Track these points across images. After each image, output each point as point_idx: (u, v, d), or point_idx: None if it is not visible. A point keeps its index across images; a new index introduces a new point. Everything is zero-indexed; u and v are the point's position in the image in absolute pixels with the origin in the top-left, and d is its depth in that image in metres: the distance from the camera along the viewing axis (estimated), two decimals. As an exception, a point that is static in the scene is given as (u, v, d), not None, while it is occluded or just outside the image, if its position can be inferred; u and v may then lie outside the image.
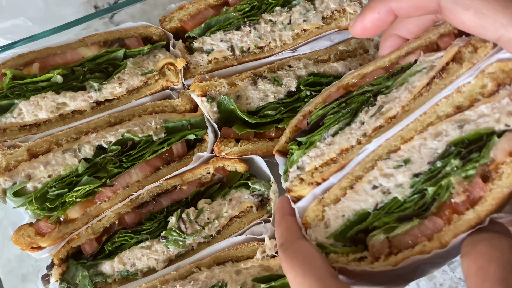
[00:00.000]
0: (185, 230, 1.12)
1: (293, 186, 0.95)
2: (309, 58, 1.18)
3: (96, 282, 1.11)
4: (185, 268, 1.10)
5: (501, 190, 0.73)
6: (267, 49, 1.19)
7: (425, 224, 0.78)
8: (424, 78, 0.89)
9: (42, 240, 1.07)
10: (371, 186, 0.87)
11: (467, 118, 0.81)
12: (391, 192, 0.84)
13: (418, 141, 0.85)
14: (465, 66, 0.86)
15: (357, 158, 0.90)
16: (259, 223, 1.16)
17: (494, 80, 0.82)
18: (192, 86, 1.12)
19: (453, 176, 0.77)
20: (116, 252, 1.12)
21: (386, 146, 0.88)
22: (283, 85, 1.13)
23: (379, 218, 0.83)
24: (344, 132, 0.93)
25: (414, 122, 0.87)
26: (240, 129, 1.10)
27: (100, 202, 1.11)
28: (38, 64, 1.13)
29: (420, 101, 0.89)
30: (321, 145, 0.94)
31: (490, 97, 0.81)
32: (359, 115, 0.93)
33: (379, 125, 0.91)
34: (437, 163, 0.81)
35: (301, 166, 0.96)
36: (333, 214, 0.89)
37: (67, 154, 1.09)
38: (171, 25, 1.23)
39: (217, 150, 1.13)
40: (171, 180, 1.16)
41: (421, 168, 0.83)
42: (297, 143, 0.98)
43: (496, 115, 0.78)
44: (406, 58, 0.96)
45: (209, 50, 1.19)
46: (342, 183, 0.91)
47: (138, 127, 1.14)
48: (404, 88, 0.90)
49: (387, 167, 0.86)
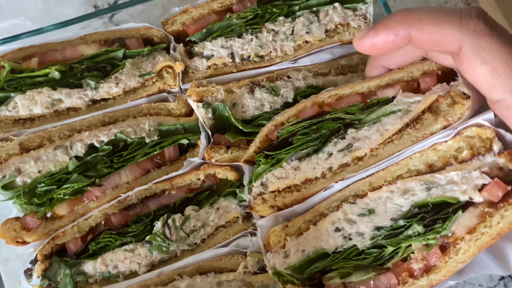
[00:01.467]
0: (170, 236, 1.11)
1: (255, 205, 0.99)
2: (309, 70, 1.17)
3: (78, 282, 1.11)
4: (167, 275, 1.09)
5: (456, 265, 0.78)
6: (268, 59, 1.18)
7: (380, 279, 0.82)
8: (397, 123, 0.90)
9: (27, 235, 1.07)
10: (334, 228, 0.90)
11: (436, 182, 0.83)
12: (351, 239, 0.88)
13: (386, 193, 0.87)
14: (440, 122, 0.88)
15: (322, 193, 0.93)
16: (245, 236, 1.15)
17: (470, 147, 0.84)
18: (189, 91, 1.11)
19: (414, 241, 0.81)
20: (100, 252, 1.12)
21: (354, 189, 0.91)
22: (280, 96, 1.12)
23: (337, 262, 0.86)
24: (311, 160, 0.96)
25: (384, 170, 0.88)
26: (233, 137, 1.09)
27: (88, 201, 1.11)
28: (37, 59, 1.13)
29: (389, 148, 0.90)
30: (287, 167, 0.98)
31: (462, 164, 0.84)
32: (327, 145, 0.95)
33: (346, 163, 0.92)
34: (400, 222, 0.84)
35: (265, 183, 0.99)
36: (294, 246, 0.93)
37: (59, 151, 1.09)
38: (173, 28, 1.22)
39: (207, 157, 1.12)
40: (160, 184, 1.15)
41: (384, 223, 0.85)
42: (264, 155, 1.00)
43: (464, 186, 0.80)
44: (385, 90, 0.96)
45: (209, 55, 1.18)
46: (306, 216, 0.95)
47: (132, 128, 1.13)
48: (376, 129, 0.91)
49: (351, 212, 0.89)
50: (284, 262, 0.93)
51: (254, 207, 1.01)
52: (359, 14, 1.21)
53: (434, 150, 0.87)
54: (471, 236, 0.78)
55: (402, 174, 0.89)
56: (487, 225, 0.78)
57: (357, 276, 0.84)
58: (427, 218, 0.82)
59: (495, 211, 0.78)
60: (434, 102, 0.91)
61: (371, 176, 0.90)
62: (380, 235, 0.85)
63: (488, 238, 0.77)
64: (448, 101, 0.90)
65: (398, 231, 0.84)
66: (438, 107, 0.91)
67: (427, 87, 0.94)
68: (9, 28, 1.29)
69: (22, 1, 1.38)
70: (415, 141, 0.89)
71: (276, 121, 1.01)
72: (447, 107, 0.90)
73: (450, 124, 0.87)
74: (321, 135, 0.95)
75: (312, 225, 0.94)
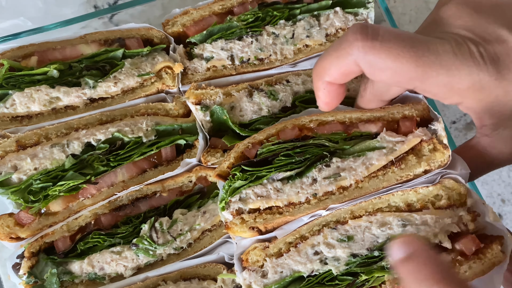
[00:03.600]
0: (157, 240, 1.11)
1: (232, 225, 0.97)
2: (309, 75, 1.16)
3: (63, 281, 1.10)
4: (151, 280, 1.09)
5: None
6: (267, 62, 1.18)
7: None
8: (382, 160, 0.95)
9: (21, 231, 1.07)
10: (313, 251, 0.94)
11: (412, 220, 0.91)
12: (327, 263, 0.92)
13: (365, 223, 0.93)
14: (423, 165, 0.94)
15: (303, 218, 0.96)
16: (230, 243, 1.15)
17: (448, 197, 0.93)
18: (187, 93, 1.11)
19: (387, 273, 0.88)
20: (87, 252, 1.12)
21: (336, 215, 0.95)
22: (278, 100, 1.12)
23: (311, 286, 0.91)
24: (295, 184, 0.96)
25: (367, 201, 0.95)
26: (230, 141, 1.09)
27: (83, 199, 1.11)
28: (36, 57, 1.13)
29: (374, 183, 0.95)
30: (268, 186, 0.96)
31: (437, 210, 0.92)
32: (312, 170, 0.96)
33: (331, 191, 0.95)
34: (375, 252, 0.91)
35: (244, 198, 0.97)
36: (272, 267, 0.95)
37: (55, 149, 1.09)
38: (174, 29, 1.22)
39: (204, 160, 1.12)
40: (152, 186, 1.15)
41: (360, 251, 0.91)
42: (241, 169, 0.98)
43: (436, 230, 0.90)
44: (366, 124, 1.00)
45: (209, 57, 1.18)
46: (287, 238, 0.96)
47: (129, 127, 1.13)
48: (362, 162, 0.95)
49: (331, 237, 0.93)
50: (261, 282, 0.95)
51: (231, 228, 0.97)
52: (360, 19, 1.21)
53: (415, 192, 0.94)
54: None
55: (383, 207, 0.95)
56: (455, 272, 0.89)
57: None
58: None
59: (465, 261, 0.89)
60: (417, 145, 0.96)
61: (354, 205, 0.95)
62: (355, 262, 0.91)
63: None
64: (430, 147, 0.96)
65: (372, 261, 0.91)
66: (421, 150, 0.96)
67: (407, 130, 0.98)
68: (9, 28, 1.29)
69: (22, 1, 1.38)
70: (399, 180, 0.94)
71: (254, 138, 1.00)
72: (429, 152, 0.96)
73: (431, 170, 0.94)
74: (305, 159, 0.96)
75: (292, 247, 0.96)
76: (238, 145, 0.99)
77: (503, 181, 1.49)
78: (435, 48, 0.76)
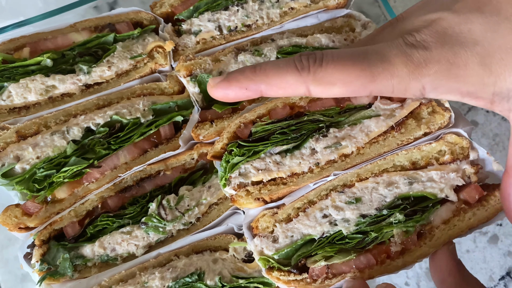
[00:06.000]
0: (165, 217, 1.11)
1: (238, 197, 0.98)
2: (293, 32, 1.16)
3: (76, 265, 1.10)
4: (164, 256, 1.09)
5: (428, 249, 0.91)
6: (255, 27, 1.17)
7: (360, 259, 0.90)
8: (382, 126, 0.96)
9: (29, 220, 1.07)
10: (322, 215, 0.95)
11: (418, 178, 0.93)
12: (337, 224, 0.93)
13: (372, 184, 0.94)
14: (423, 128, 0.95)
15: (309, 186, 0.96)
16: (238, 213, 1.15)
17: (451, 152, 0.94)
18: (177, 67, 1.11)
19: (395, 228, 0.90)
20: (97, 235, 1.11)
21: (343, 179, 0.96)
22: (263, 55, 1.11)
23: (322, 247, 0.92)
24: (295, 156, 0.97)
25: (372, 164, 0.96)
26: (220, 108, 1.08)
27: (87, 183, 1.11)
28: (28, 49, 1.15)
29: (375, 148, 0.96)
30: (267, 160, 0.97)
31: (442, 165, 0.94)
32: (309, 140, 0.96)
33: (333, 159, 0.96)
34: (384, 211, 0.92)
35: (244, 173, 0.98)
36: (282, 232, 0.96)
37: (56, 136, 1.10)
38: (162, 10, 1.23)
39: (195, 136, 1.11)
40: (155, 165, 1.15)
41: (369, 211, 0.93)
42: (237, 145, 0.98)
43: (442, 185, 0.92)
44: (359, 97, 0.99)
45: (197, 31, 1.19)
46: (296, 203, 0.97)
47: (126, 109, 1.14)
48: (359, 130, 0.96)
49: (339, 200, 0.95)
50: (273, 247, 0.95)
51: (237, 200, 0.98)
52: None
53: (419, 149, 0.95)
54: (445, 226, 0.92)
55: (388, 168, 0.96)
56: (460, 219, 0.92)
57: (339, 257, 0.90)
58: (408, 208, 0.92)
59: (469, 209, 0.93)
60: (416, 109, 0.96)
61: (359, 168, 0.96)
62: (365, 222, 0.92)
63: (459, 230, 0.92)
64: (429, 110, 0.96)
65: (381, 219, 0.92)
66: (420, 113, 0.97)
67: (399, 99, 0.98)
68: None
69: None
70: (400, 144, 0.95)
71: (245, 118, 0.99)
72: (428, 115, 0.96)
73: (431, 132, 0.95)
74: (301, 134, 0.97)
75: (301, 212, 0.97)
76: (230, 125, 1.00)
77: (503, 181, 1.46)
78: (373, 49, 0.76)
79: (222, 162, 1.00)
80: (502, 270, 1.39)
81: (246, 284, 1.04)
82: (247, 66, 0.82)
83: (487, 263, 1.40)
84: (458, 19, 0.73)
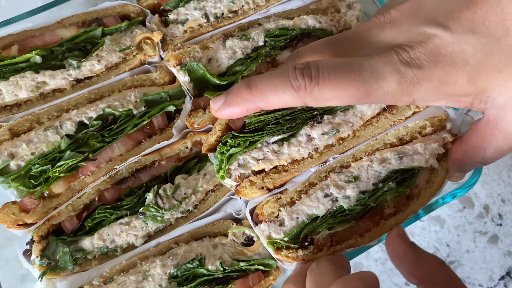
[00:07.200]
0: (163, 206, 1.11)
1: (242, 188, 1.01)
2: (280, 15, 1.17)
3: (76, 258, 1.10)
4: (164, 244, 1.09)
5: (416, 207, 1.00)
6: (241, 12, 1.18)
7: (359, 224, 0.98)
8: (375, 109, 1.03)
9: (27, 217, 1.07)
10: (323, 194, 0.99)
11: (405, 152, 1.01)
12: (338, 201, 0.98)
13: (367, 162, 1.01)
14: (412, 108, 1.04)
15: (311, 170, 1.03)
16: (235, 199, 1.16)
17: (431, 124, 1.03)
18: (166, 56, 1.12)
19: (389, 194, 0.98)
20: (96, 228, 1.12)
21: (340, 160, 1.03)
22: (251, 39, 1.11)
23: (326, 221, 0.97)
24: (292, 143, 1.01)
25: (365, 145, 1.03)
26: (212, 94, 1.08)
27: (83, 177, 1.11)
28: (16, 47, 1.15)
29: (369, 130, 1.03)
30: (265, 149, 1.00)
31: (424, 138, 1.03)
32: (304, 127, 1.00)
33: (331, 144, 1.02)
34: (379, 185, 0.99)
35: (243, 164, 1.01)
36: (287, 215, 0.99)
37: (49, 132, 1.10)
38: (148, 2, 1.24)
39: (188, 124, 1.12)
40: (149, 156, 1.16)
41: (367, 187, 0.99)
42: (231, 136, 1.00)
43: (427, 156, 0.99)
44: None
45: (184, 20, 1.19)
46: (297, 187, 1.02)
47: (118, 101, 1.14)
48: (353, 114, 1.02)
49: (339, 180, 1.00)
50: (280, 230, 0.98)
51: (241, 191, 1.01)
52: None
53: (405, 127, 1.04)
54: (427, 185, 1.01)
55: (379, 147, 1.03)
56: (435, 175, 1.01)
57: (341, 226, 0.97)
58: (398, 177, 1.00)
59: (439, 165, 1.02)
60: None
61: (354, 150, 1.03)
62: (365, 198, 0.98)
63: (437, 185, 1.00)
64: None
65: (377, 191, 0.99)
66: None
67: None
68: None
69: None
70: (392, 125, 1.03)
71: None
72: None
73: (420, 111, 1.04)
74: (297, 123, 1.00)
75: (303, 194, 1.01)
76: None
77: (503, 181, 1.47)
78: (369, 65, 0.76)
79: (217, 153, 1.01)
80: (502, 270, 1.40)
81: (247, 266, 1.05)
82: (242, 83, 0.81)
83: (487, 263, 1.41)
84: (452, 38, 0.76)
